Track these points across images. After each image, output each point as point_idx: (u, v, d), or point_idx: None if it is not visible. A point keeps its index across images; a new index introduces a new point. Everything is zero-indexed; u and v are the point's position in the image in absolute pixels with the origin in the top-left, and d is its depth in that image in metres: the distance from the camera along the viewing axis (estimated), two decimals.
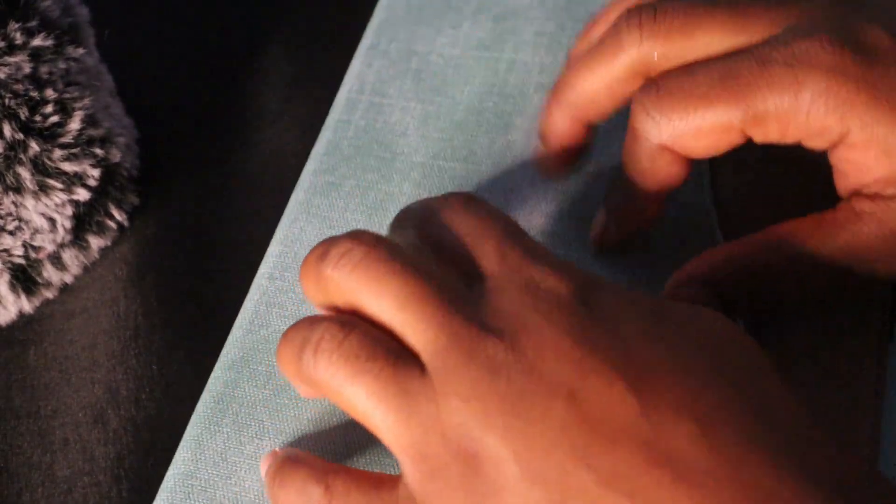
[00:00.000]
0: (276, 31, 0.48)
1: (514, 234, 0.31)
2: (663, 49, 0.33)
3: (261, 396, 0.36)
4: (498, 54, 0.43)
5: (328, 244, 0.32)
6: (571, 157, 0.37)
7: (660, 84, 0.33)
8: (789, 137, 0.32)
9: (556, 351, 0.28)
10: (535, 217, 0.38)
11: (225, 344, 0.37)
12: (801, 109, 0.31)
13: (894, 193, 0.32)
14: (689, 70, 0.33)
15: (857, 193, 0.33)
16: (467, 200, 0.32)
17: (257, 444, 0.35)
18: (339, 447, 0.35)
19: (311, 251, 0.32)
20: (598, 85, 0.34)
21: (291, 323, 0.37)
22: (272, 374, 0.36)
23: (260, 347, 0.37)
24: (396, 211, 0.39)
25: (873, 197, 0.32)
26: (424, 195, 0.39)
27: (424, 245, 0.31)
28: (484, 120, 0.41)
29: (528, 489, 0.27)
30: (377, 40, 0.44)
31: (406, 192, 0.40)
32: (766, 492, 0.25)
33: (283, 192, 0.41)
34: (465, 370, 0.28)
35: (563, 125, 0.36)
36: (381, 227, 0.39)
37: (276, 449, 0.35)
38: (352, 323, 0.30)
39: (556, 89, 0.36)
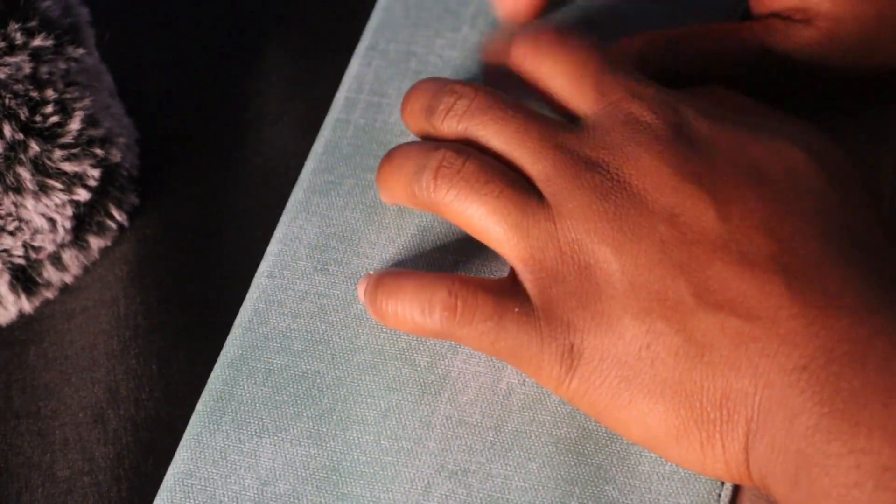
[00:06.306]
0: (276, 31, 0.48)
1: (612, 68, 0.35)
2: None
3: (260, 394, 0.36)
4: None
5: (430, 98, 0.36)
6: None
7: None
8: None
9: (657, 179, 0.32)
10: None
11: (225, 342, 0.37)
12: None
13: (801, 19, 0.37)
14: None
15: (771, 16, 0.38)
16: (560, 34, 0.35)
17: (257, 441, 0.35)
18: (338, 442, 0.35)
19: (413, 100, 0.36)
20: None
21: (291, 321, 0.37)
22: (271, 372, 0.36)
23: (259, 345, 0.37)
24: (395, 210, 0.39)
25: (784, 21, 0.37)
26: None
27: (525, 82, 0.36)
28: None
29: (632, 297, 0.31)
30: (376, 41, 0.44)
31: None
32: (847, 307, 0.29)
33: (283, 192, 0.41)
34: (577, 194, 0.32)
35: None
36: (381, 225, 0.39)
37: (371, 272, 0.36)
38: (467, 151, 0.34)
39: None
